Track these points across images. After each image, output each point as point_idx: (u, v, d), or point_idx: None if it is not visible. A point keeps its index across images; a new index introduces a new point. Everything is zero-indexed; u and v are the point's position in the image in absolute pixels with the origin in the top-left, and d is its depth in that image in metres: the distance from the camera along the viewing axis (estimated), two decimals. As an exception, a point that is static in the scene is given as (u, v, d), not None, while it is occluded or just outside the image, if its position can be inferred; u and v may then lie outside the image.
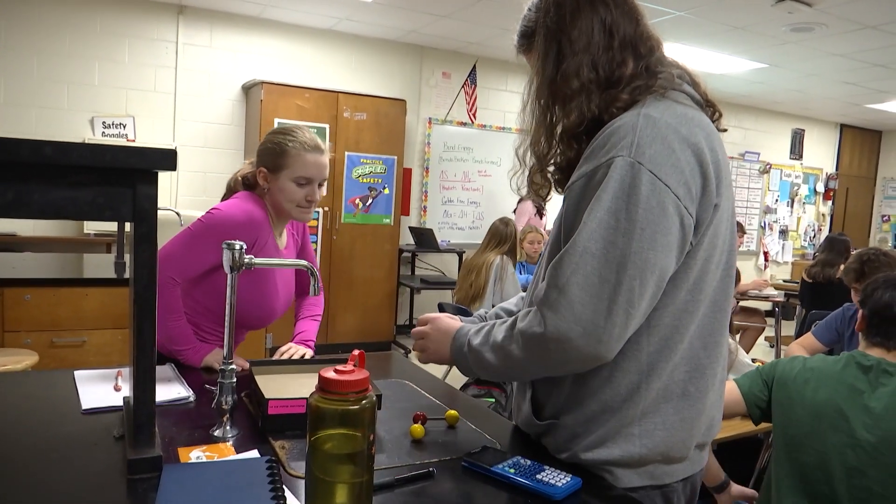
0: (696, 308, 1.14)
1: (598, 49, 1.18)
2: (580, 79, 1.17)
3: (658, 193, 1.05)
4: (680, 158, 1.07)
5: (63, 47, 5.32)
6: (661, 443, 1.15)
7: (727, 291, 1.19)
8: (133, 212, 1.08)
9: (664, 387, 1.15)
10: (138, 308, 1.10)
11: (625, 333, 1.07)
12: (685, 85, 1.21)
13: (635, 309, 1.06)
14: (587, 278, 1.05)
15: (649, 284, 1.06)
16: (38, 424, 1.34)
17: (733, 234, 1.20)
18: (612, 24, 1.18)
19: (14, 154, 0.99)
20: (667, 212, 1.05)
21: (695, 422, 1.18)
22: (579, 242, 1.07)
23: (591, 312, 1.05)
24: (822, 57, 6.11)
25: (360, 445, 0.97)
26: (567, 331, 1.06)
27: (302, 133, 1.87)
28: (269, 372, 1.57)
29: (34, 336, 3.03)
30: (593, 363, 1.10)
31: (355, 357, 1.05)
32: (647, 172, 1.05)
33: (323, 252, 5.82)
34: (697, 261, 1.12)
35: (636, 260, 1.04)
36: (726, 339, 1.22)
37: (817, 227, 9.97)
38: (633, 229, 1.04)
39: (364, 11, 5.57)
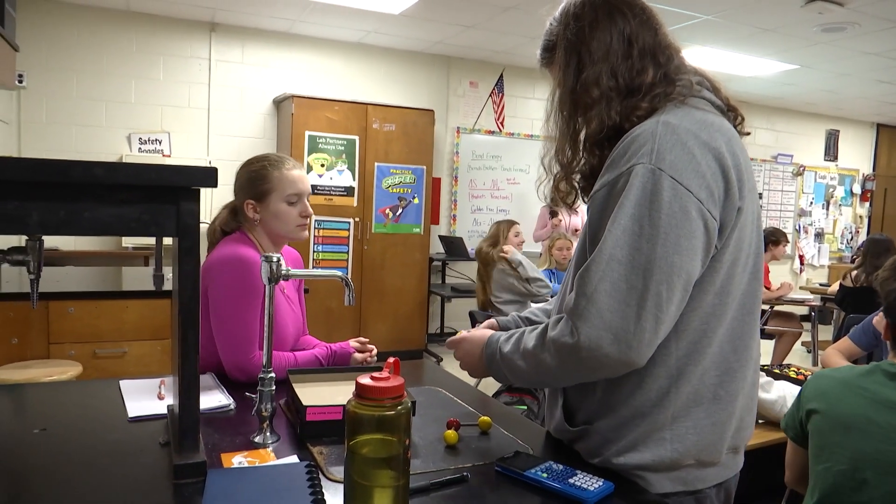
0: (724, 311, 1.15)
1: (617, 58, 1.21)
2: (600, 87, 1.20)
3: (680, 198, 1.06)
4: (700, 163, 1.08)
5: (101, 67, 5.49)
6: (693, 446, 1.16)
7: (755, 294, 1.20)
8: (177, 227, 1.12)
9: (694, 391, 1.15)
10: (182, 318, 1.14)
11: (655, 339, 1.08)
12: (705, 91, 1.23)
13: (664, 313, 1.07)
14: (615, 285, 1.07)
15: (676, 288, 1.07)
16: (87, 432, 1.39)
17: (759, 237, 1.21)
18: (630, 34, 1.22)
19: (66, 175, 1.05)
20: (690, 216, 1.07)
21: (726, 425, 1.18)
22: (605, 250, 1.09)
23: (620, 319, 1.06)
24: (855, 56, 6.02)
25: (397, 450, 1.00)
26: (598, 339, 1.07)
27: (276, 155, 1.95)
28: (306, 380, 1.61)
29: (77, 347, 3.12)
30: (625, 369, 1.11)
31: (391, 364, 1.08)
32: (668, 178, 1.07)
33: (354, 262, 5.89)
34: (724, 264, 1.13)
35: (662, 265, 1.06)
36: (756, 342, 1.22)
37: (854, 230, 9.77)
38: (657, 234, 1.06)
39: (391, 24, 5.64)
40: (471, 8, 5.13)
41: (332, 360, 1.90)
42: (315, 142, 5.65)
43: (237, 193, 1.95)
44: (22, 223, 1.05)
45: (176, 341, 1.18)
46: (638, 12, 1.24)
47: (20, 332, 3.03)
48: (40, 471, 1.19)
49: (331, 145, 5.72)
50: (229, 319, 1.78)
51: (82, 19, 5.39)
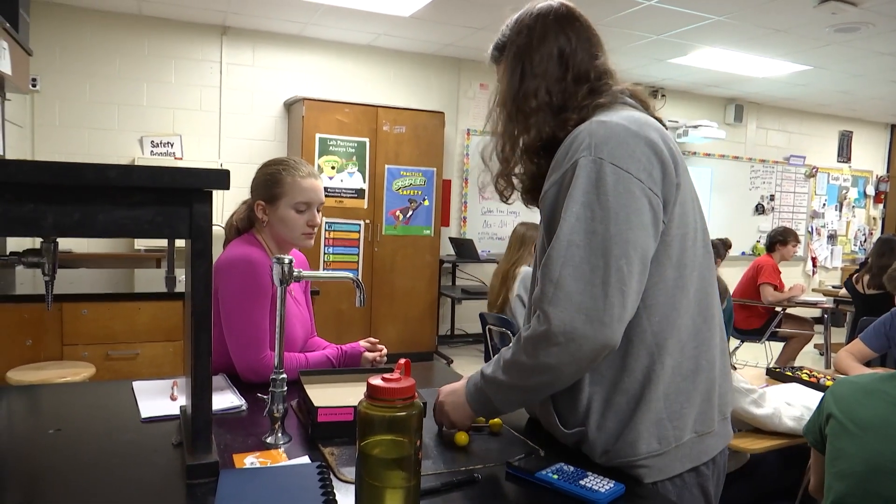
0: (686, 283, 1.23)
1: (553, 78, 1.31)
2: (537, 100, 1.31)
3: (623, 181, 1.15)
4: (635, 150, 1.17)
5: (113, 70, 5.53)
6: (691, 420, 1.23)
7: (710, 266, 1.30)
8: (190, 229, 1.13)
9: (677, 364, 1.22)
10: (195, 320, 1.15)
11: (624, 313, 1.13)
12: (626, 98, 1.33)
13: (628, 287, 1.13)
14: (577, 268, 1.13)
15: (635, 262, 1.14)
16: (100, 432, 1.40)
17: (702, 215, 1.31)
18: (569, 56, 1.32)
19: (80, 177, 1.06)
20: (634, 195, 1.15)
21: (711, 392, 1.26)
22: (562, 237, 1.16)
23: (589, 299, 1.12)
24: (869, 57, 5.98)
25: (408, 451, 1.00)
26: (571, 320, 1.11)
27: (294, 161, 1.94)
28: (317, 382, 1.62)
29: (91, 349, 3.15)
30: (602, 350, 1.14)
31: (401, 365, 1.09)
32: (609, 164, 1.15)
33: (364, 264, 5.90)
34: (674, 238, 1.21)
35: (618, 241, 1.13)
36: (719, 310, 1.31)
37: (868, 231, 9.69)
38: (608, 216, 1.14)
39: (402, 27, 5.66)
40: (481, 10, 5.13)
41: (343, 360, 1.91)
42: (325, 144, 5.68)
43: (252, 192, 1.96)
44: (37, 225, 1.06)
45: (189, 343, 1.18)
46: (582, 37, 1.34)
47: (34, 334, 3.06)
48: (55, 471, 1.20)
49: (341, 147, 5.74)
50: (239, 321, 1.79)
51: (95, 24, 5.44)
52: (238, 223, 1.99)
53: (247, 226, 1.98)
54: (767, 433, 2.15)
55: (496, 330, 4.22)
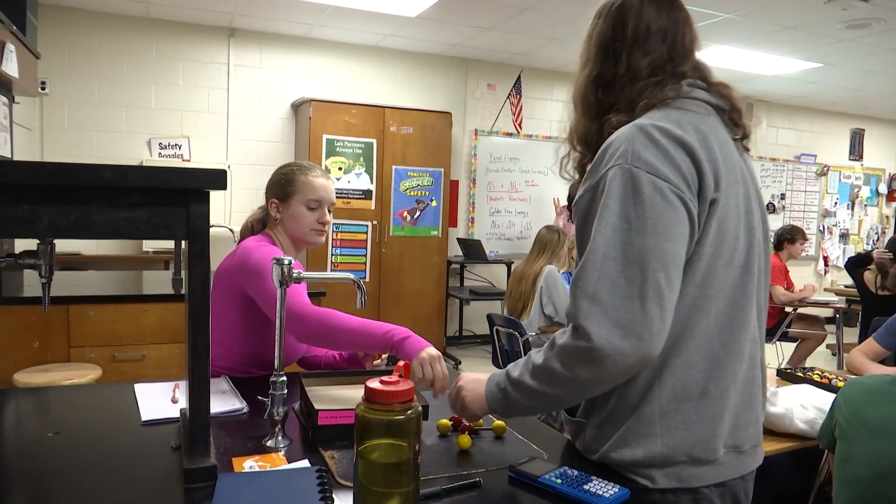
0: (707, 304, 1.15)
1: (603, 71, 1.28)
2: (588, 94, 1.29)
3: (661, 190, 1.10)
4: (675, 157, 1.12)
5: (121, 73, 5.55)
6: (684, 442, 1.16)
7: (747, 290, 1.20)
8: (187, 230, 1.12)
9: (681, 384, 1.16)
10: (193, 322, 1.14)
11: (663, 327, 1.09)
12: (697, 91, 1.25)
13: (666, 300, 1.09)
14: (614, 282, 1.09)
15: (673, 274, 1.10)
16: (100, 435, 1.39)
17: (751, 233, 1.21)
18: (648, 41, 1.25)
19: (75, 178, 1.05)
20: (673, 204, 1.10)
21: (716, 420, 1.18)
22: (598, 250, 1.11)
23: (626, 314, 1.07)
24: (881, 53, 5.91)
25: (407, 455, 0.98)
26: (609, 336, 1.07)
27: (308, 163, 2.00)
28: (319, 384, 1.60)
29: (97, 351, 3.15)
30: (640, 366, 1.11)
31: (400, 368, 1.07)
32: (646, 174, 1.11)
33: (372, 265, 5.89)
34: (703, 256, 1.14)
35: (656, 254, 1.08)
36: (750, 338, 1.21)
37: (881, 230, 9.59)
38: (645, 227, 1.09)
39: (409, 27, 5.64)
40: (488, 10, 5.11)
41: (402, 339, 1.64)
42: (333, 145, 5.67)
43: (266, 194, 2.00)
44: (32, 227, 1.05)
45: (187, 345, 1.17)
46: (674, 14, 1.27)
47: (41, 336, 3.06)
48: (52, 474, 1.19)
49: (348, 148, 5.73)
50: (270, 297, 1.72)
51: (103, 26, 5.46)
52: (254, 223, 2.03)
53: (261, 226, 2.02)
54: (779, 434, 2.11)
55: (504, 331, 4.19)
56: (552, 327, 4.18)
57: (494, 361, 4.43)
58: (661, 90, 1.23)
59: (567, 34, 5.62)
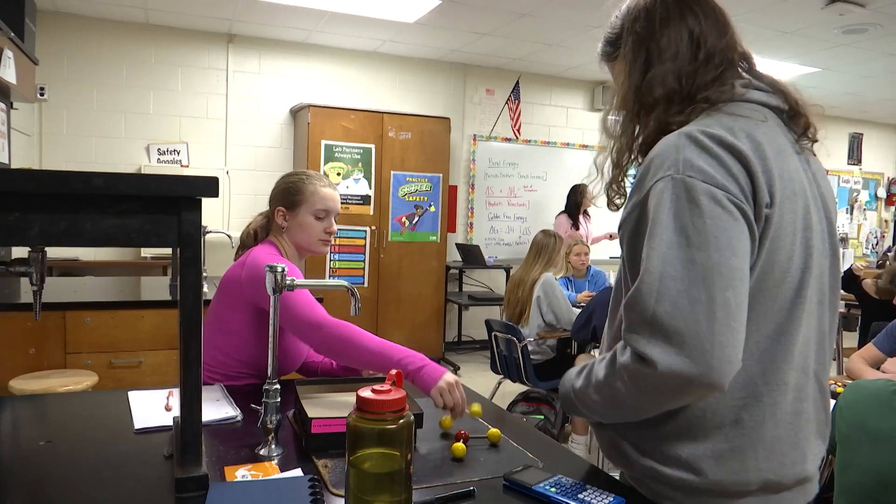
0: (748, 328, 1.03)
1: (686, 60, 1.15)
2: (664, 88, 1.15)
3: (719, 200, 1.00)
4: (731, 166, 1.02)
5: (120, 79, 5.55)
6: (709, 470, 1.07)
7: (795, 316, 1.08)
8: (179, 237, 1.11)
9: (712, 410, 1.07)
10: (185, 329, 1.13)
11: (735, 352, 0.98)
12: (752, 92, 1.16)
13: (737, 321, 0.98)
14: (675, 304, 0.98)
15: (742, 292, 0.99)
16: (92, 443, 1.38)
17: (808, 252, 1.08)
18: (699, 36, 1.16)
19: (66, 186, 1.04)
20: (734, 215, 1.00)
21: (748, 452, 1.07)
22: (653, 269, 1.00)
23: (692, 338, 0.96)
24: (879, 58, 5.91)
25: (399, 464, 0.97)
26: (672, 364, 0.97)
27: (315, 173, 2.01)
28: (314, 391, 1.60)
29: (94, 357, 3.14)
30: (709, 391, 1.01)
31: (393, 376, 1.06)
32: (701, 183, 1.00)
33: (370, 270, 5.88)
34: (751, 276, 1.03)
35: (722, 270, 0.98)
36: (795, 367, 1.09)
37: (880, 234, 9.59)
38: (707, 241, 0.98)
39: (407, 33, 5.65)
40: (486, 15, 5.12)
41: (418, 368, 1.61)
42: (331, 151, 5.67)
43: (271, 201, 2.00)
44: (23, 235, 1.05)
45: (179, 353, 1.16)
46: (709, 12, 1.19)
47: (37, 342, 3.05)
48: (41, 484, 1.18)
49: (347, 154, 5.73)
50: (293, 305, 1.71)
51: (102, 32, 5.46)
52: (256, 231, 2.03)
53: (264, 234, 2.02)
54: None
55: (502, 337, 4.18)
56: (551, 333, 4.18)
57: (493, 367, 4.42)
58: (722, 86, 1.14)
59: (565, 39, 5.62)
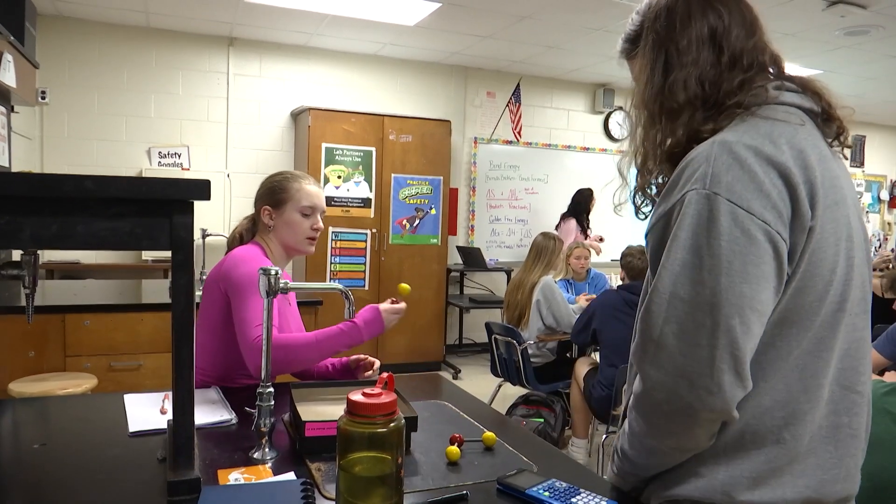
0: (788, 344, 1.00)
1: (706, 65, 1.10)
2: (687, 93, 1.10)
3: (741, 222, 0.96)
4: (764, 181, 0.97)
5: (121, 82, 5.56)
6: (744, 494, 1.01)
7: (836, 329, 1.03)
8: (170, 240, 1.11)
9: (752, 430, 1.01)
10: (177, 333, 1.13)
11: (737, 380, 0.95)
12: (786, 95, 1.10)
13: (741, 350, 0.95)
14: (681, 326, 0.97)
15: (752, 321, 0.96)
16: (87, 446, 1.38)
17: (850, 263, 1.03)
18: (722, 36, 1.11)
19: (57, 189, 1.04)
20: (755, 240, 0.95)
21: (786, 471, 1.01)
22: (664, 289, 0.99)
23: (693, 362, 0.95)
24: (881, 59, 5.90)
25: (389, 468, 0.97)
26: (674, 386, 0.97)
27: (299, 172, 2.03)
28: (308, 395, 1.59)
29: (93, 360, 3.14)
30: (715, 417, 0.98)
31: (384, 380, 1.06)
32: (726, 202, 0.96)
33: (371, 273, 5.88)
34: (787, 292, 0.99)
35: (730, 296, 0.95)
36: (831, 381, 1.05)
37: (883, 237, 9.57)
38: (719, 264, 0.95)
39: (407, 36, 5.65)
40: (486, 18, 5.12)
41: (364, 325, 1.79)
42: (332, 153, 5.67)
43: (256, 201, 2.01)
44: (14, 238, 1.05)
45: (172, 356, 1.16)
46: (735, 10, 1.13)
47: (37, 345, 3.06)
48: (34, 487, 1.18)
49: (348, 157, 5.73)
50: (241, 309, 1.77)
51: (103, 36, 5.47)
52: (242, 233, 2.03)
53: (250, 236, 2.02)
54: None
55: (502, 339, 4.18)
56: (551, 336, 4.17)
57: (493, 370, 4.42)
58: (750, 89, 1.08)
59: (565, 42, 5.62)
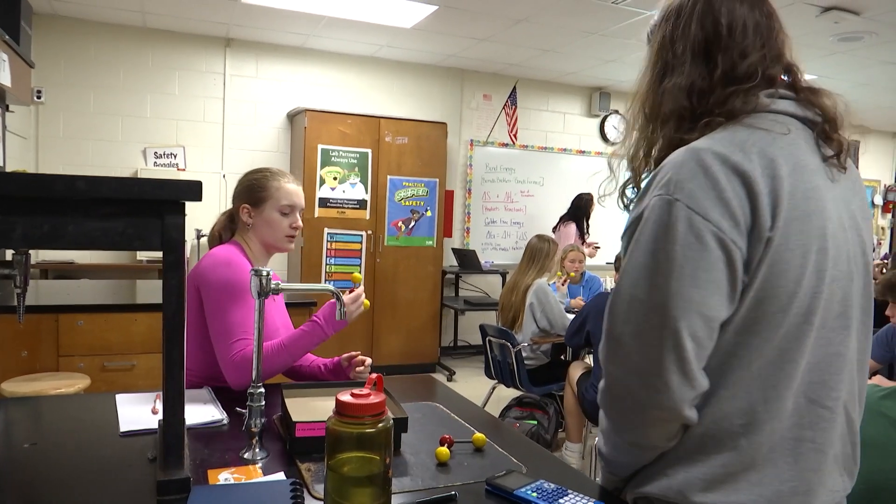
0: (749, 354, 1.02)
1: (698, 76, 1.10)
2: (675, 104, 1.11)
3: (696, 229, 0.98)
4: (726, 189, 0.98)
5: (117, 82, 5.56)
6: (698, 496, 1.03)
7: (801, 342, 1.02)
8: (162, 241, 1.12)
9: (710, 435, 1.03)
10: (167, 333, 1.14)
11: (684, 381, 0.98)
12: (779, 102, 1.10)
13: (687, 352, 0.97)
14: (638, 326, 1.00)
15: (697, 325, 0.98)
16: (78, 446, 1.39)
17: (820, 276, 1.02)
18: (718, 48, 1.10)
19: (49, 189, 1.05)
20: (708, 246, 0.98)
21: (741, 476, 1.03)
22: (624, 290, 1.03)
23: (646, 362, 0.99)
24: (874, 66, 5.93)
25: (378, 468, 0.98)
26: (629, 383, 1.02)
27: (277, 169, 2.02)
28: (299, 395, 1.60)
29: (87, 360, 3.14)
30: (663, 416, 1.01)
31: (373, 380, 1.06)
32: (685, 208, 0.98)
33: (367, 275, 5.88)
34: (746, 301, 1.01)
35: (678, 301, 0.97)
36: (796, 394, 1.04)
37: (876, 241, 9.61)
38: (671, 268, 0.98)
39: (404, 38, 5.66)
40: (483, 21, 5.13)
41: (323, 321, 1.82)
42: (328, 155, 5.68)
43: (235, 199, 2.00)
44: (5, 237, 1.05)
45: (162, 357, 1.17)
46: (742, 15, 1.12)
47: (30, 345, 3.05)
48: (24, 486, 1.18)
49: (343, 158, 5.74)
50: (219, 318, 1.79)
51: (99, 36, 5.47)
52: (221, 232, 2.03)
53: (229, 234, 2.02)
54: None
55: (496, 342, 4.18)
56: (545, 338, 4.18)
57: (487, 372, 4.42)
58: (746, 98, 1.07)
59: (561, 45, 5.64)
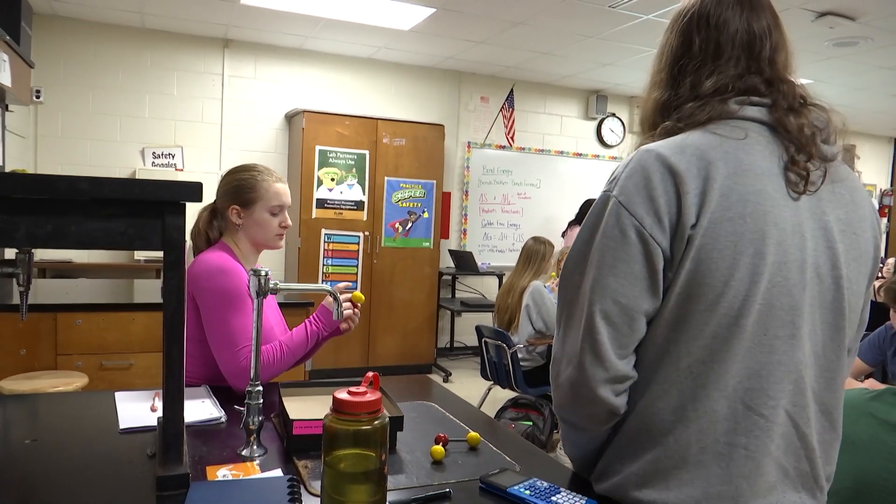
0: (678, 350, 1.04)
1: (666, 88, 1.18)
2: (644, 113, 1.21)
3: (621, 222, 1.04)
4: (657, 188, 1.03)
5: (116, 82, 5.58)
6: (635, 489, 1.08)
7: (730, 344, 1.03)
8: (162, 241, 1.14)
9: (647, 430, 1.08)
10: (167, 332, 1.15)
11: (598, 361, 1.04)
12: (747, 109, 1.10)
13: (601, 335, 1.04)
14: (570, 309, 1.11)
15: (613, 313, 1.04)
16: (77, 443, 1.40)
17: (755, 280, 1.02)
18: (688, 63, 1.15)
19: (52, 190, 1.07)
20: (628, 239, 1.04)
21: (672, 474, 1.05)
22: (566, 276, 1.13)
23: (572, 342, 1.09)
24: (870, 70, 5.97)
25: (373, 465, 1.00)
26: (559, 360, 1.12)
27: (264, 167, 2.03)
28: (297, 393, 1.62)
29: (84, 359, 3.15)
30: (582, 393, 1.08)
31: (369, 378, 1.08)
32: (617, 203, 1.06)
33: (363, 276, 5.90)
34: (672, 297, 1.04)
35: (596, 287, 1.05)
36: (731, 396, 1.04)
37: (872, 245, 9.64)
38: (594, 258, 1.07)
39: (402, 40, 5.69)
40: (481, 23, 5.16)
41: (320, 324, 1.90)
42: (325, 156, 5.70)
43: (221, 198, 2.00)
44: (9, 237, 1.07)
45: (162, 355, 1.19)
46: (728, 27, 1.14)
47: (28, 344, 3.07)
48: (25, 482, 1.20)
49: (341, 160, 5.76)
50: (219, 327, 1.81)
51: (98, 36, 5.49)
52: (207, 231, 2.02)
53: (216, 233, 2.02)
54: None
55: (492, 343, 4.21)
56: (541, 339, 4.20)
57: (483, 373, 4.44)
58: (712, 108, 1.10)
59: (558, 48, 5.67)
